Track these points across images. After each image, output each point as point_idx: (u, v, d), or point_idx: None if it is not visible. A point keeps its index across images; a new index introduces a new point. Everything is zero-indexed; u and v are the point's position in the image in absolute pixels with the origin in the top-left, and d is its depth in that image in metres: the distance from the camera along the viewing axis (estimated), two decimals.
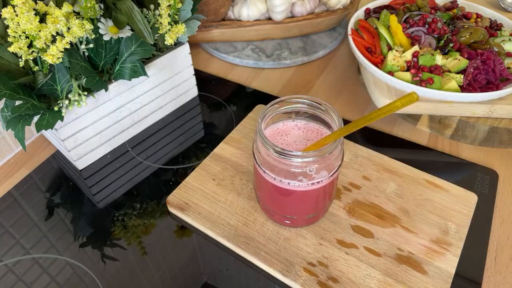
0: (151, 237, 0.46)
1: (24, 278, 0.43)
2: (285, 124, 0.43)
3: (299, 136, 0.42)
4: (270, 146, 0.36)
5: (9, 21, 0.40)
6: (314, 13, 0.72)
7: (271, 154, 0.37)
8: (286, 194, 0.40)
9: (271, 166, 0.38)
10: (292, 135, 0.42)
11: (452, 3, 0.67)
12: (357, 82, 0.67)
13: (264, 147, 0.37)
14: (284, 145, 0.41)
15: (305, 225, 0.44)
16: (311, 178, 0.37)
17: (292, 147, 0.41)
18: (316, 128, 0.42)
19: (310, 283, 0.39)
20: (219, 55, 0.73)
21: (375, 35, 0.62)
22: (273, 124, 0.42)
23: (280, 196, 0.41)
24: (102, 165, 0.54)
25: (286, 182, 0.38)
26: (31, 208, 0.50)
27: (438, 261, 0.41)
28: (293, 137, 0.42)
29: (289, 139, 0.41)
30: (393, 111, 0.30)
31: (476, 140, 0.55)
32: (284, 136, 0.42)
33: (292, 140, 0.41)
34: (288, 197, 0.40)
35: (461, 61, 0.54)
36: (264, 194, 0.43)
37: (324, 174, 0.38)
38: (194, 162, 0.54)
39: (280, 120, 0.42)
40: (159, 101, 0.59)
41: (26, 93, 0.43)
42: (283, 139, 0.41)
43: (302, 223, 0.44)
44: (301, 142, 0.41)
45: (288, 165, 0.37)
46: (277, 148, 0.36)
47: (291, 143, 0.41)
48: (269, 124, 0.42)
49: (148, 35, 0.48)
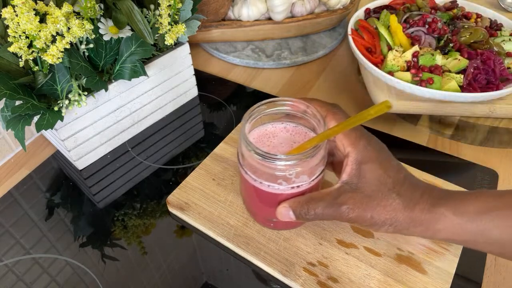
0: (151, 237, 0.46)
1: (24, 278, 0.43)
2: (274, 126, 0.42)
3: (286, 138, 0.41)
4: (251, 147, 0.35)
5: (9, 21, 0.40)
6: (314, 13, 0.72)
7: (252, 156, 0.36)
8: (267, 197, 0.39)
9: (253, 167, 0.37)
10: (279, 137, 0.41)
11: (452, 3, 0.67)
12: (357, 82, 0.67)
13: (246, 148, 0.36)
14: (270, 147, 0.40)
15: (288, 228, 0.44)
16: (291, 181, 0.37)
17: (278, 149, 0.40)
18: (304, 131, 0.41)
19: (310, 283, 0.39)
20: (219, 55, 0.73)
21: (375, 35, 0.62)
22: (261, 125, 0.42)
23: (261, 198, 0.40)
24: (102, 165, 0.54)
25: (266, 184, 0.37)
26: (31, 208, 0.50)
27: (438, 261, 0.41)
28: (280, 139, 0.41)
29: (276, 141, 0.41)
30: (367, 118, 0.31)
31: (476, 140, 0.55)
32: (271, 138, 0.41)
33: (278, 142, 0.41)
34: (269, 199, 0.39)
35: (461, 61, 0.54)
36: (247, 195, 0.43)
37: (305, 178, 0.37)
38: (194, 162, 0.54)
39: (269, 122, 0.42)
40: (159, 101, 0.59)
41: (26, 93, 0.43)
42: (270, 141, 0.41)
43: (285, 226, 0.43)
44: (287, 144, 0.40)
45: (268, 167, 0.36)
46: (258, 150, 0.35)
47: (277, 145, 0.40)
48: (257, 125, 0.41)
49: (148, 35, 0.48)
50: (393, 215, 0.34)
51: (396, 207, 0.34)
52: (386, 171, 0.35)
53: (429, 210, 0.34)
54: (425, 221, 0.34)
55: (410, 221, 0.34)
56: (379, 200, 0.34)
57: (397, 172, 0.35)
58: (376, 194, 0.34)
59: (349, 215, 0.35)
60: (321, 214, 0.35)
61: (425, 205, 0.34)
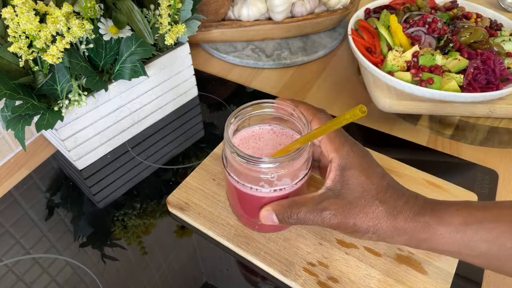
0: (151, 237, 0.46)
1: (24, 278, 0.43)
2: (261, 127, 0.42)
3: (272, 140, 0.41)
4: (234, 150, 0.35)
5: (9, 21, 0.40)
6: (314, 13, 0.72)
7: (234, 158, 0.36)
8: (249, 199, 0.39)
9: (236, 170, 0.37)
10: (265, 139, 0.41)
11: (452, 3, 0.67)
12: (357, 82, 0.67)
13: (229, 150, 0.36)
14: (255, 149, 0.40)
15: (273, 231, 0.43)
16: (273, 184, 0.37)
17: (263, 151, 0.40)
18: (291, 134, 0.41)
19: (310, 283, 0.40)
20: (219, 55, 0.73)
21: (375, 35, 0.62)
22: (248, 127, 0.41)
23: (244, 200, 0.40)
24: (102, 165, 0.54)
25: (249, 186, 0.37)
26: (31, 208, 0.50)
27: (438, 261, 0.41)
28: (266, 141, 0.41)
29: (261, 143, 0.40)
30: (343, 123, 0.31)
31: (476, 140, 0.55)
32: (257, 140, 0.41)
33: (263, 144, 0.40)
34: (252, 202, 0.39)
35: (461, 61, 0.54)
36: (231, 198, 0.43)
37: (287, 181, 0.37)
38: (194, 162, 0.54)
39: (257, 124, 0.41)
40: (159, 101, 0.59)
41: (26, 93, 0.43)
42: (255, 142, 0.40)
43: (270, 229, 0.43)
44: (273, 147, 0.40)
45: (250, 170, 0.36)
46: (240, 152, 0.35)
47: (262, 147, 0.40)
48: (244, 126, 0.41)
49: (148, 35, 0.48)
50: (376, 222, 0.34)
51: (379, 214, 0.34)
52: (369, 178, 0.35)
53: (412, 218, 0.33)
54: (409, 230, 0.33)
55: (394, 229, 0.34)
56: (362, 207, 0.34)
57: (381, 179, 0.35)
58: (358, 201, 0.34)
59: (331, 221, 0.34)
60: (303, 218, 0.35)
61: (409, 213, 0.33)
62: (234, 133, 0.41)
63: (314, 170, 0.42)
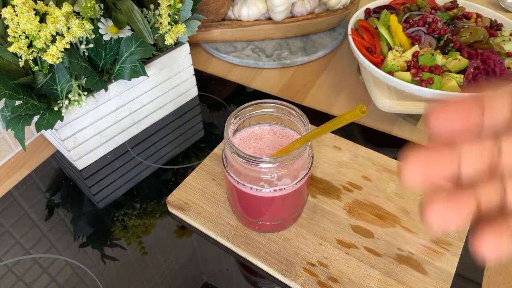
0: (151, 237, 0.46)
1: (24, 278, 0.43)
2: (261, 127, 0.41)
3: (273, 141, 0.41)
4: (234, 149, 0.35)
5: (9, 21, 0.40)
6: (314, 13, 0.72)
7: (234, 158, 0.36)
8: (249, 199, 0.39)
9: (236, 169, 0.37)
10: (266, 139, 0.41)
11: (452, 3, 0.67)
12: (357, 82, 0.67)
13: (229, 150, 0.36)
14: (256, 149, 0.40)
15: (273, 231, 0.43)
16: (273, 184, 0.37)
17: (264, 151, 0.40)
18: (291, 134, 0.41)
19: (310, 283, 0.39)
20: (219, 55, 0.73)
21: (375, 35, 0.62)
22: (248, 127, 0.41)
23: (244, 200, 0.40)
24: (102, 165, 0.54)
25: (248, 186, 0.37)
26: (31, 208, 0.50)
27: (438, 261, 0.41)
28: (267, 141, 0.40)
29: (262, 143, 0.40)
30: (343, 123, 0.31)
31: None
32: (258, 140, 0.41)
33: (265, 144, 0.40)
34: (251, 201, 0.39)
35: (461, 61, 0.54)
36: (231, 197, 0.43)
37: (287, 181, 0.37)
38: (194, 162, 0.54)
39: (257, 124, 0.41)
40: (159, 101, 0.59)
41: (26, 93, 0.43)
42: (256, 142, 0.40)
43: (269, 229, 0.43)
44: (274, 147, 0.40)
45: (250, 170, 0.36)
46: (240, 152, 0.35)
47: (263, 147, 0.40)
48: (244, 126, 0.41)
49: (148, 35, 0.48)
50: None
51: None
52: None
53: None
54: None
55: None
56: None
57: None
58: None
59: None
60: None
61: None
62: (234, 133, 0.41)
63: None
